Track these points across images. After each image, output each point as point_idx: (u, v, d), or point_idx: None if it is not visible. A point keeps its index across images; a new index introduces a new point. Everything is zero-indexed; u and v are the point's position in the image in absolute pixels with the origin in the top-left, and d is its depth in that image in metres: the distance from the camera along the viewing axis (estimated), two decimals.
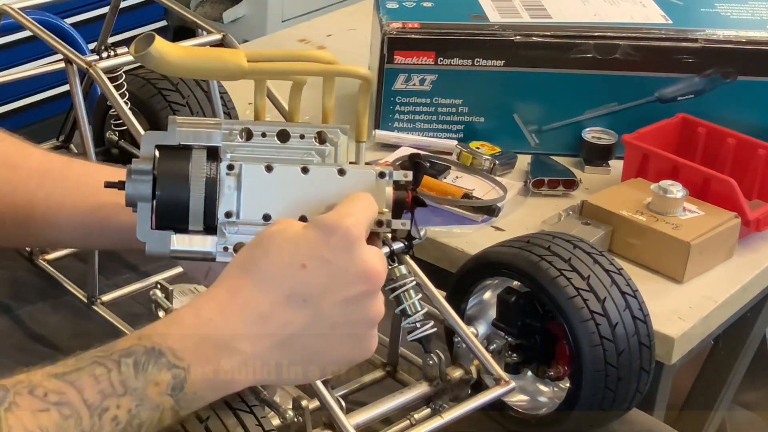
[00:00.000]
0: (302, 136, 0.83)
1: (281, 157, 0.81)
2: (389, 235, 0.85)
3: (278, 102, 1.10)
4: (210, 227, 0.79)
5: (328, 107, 0.87)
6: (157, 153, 0.80)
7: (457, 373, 1.01)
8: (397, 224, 0.84)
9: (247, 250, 0.75)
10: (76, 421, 0.68)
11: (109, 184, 0.82)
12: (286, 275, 0.71)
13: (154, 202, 0.79)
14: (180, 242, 0.79)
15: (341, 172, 0.82)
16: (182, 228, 0.79)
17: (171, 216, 0.78)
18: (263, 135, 0.82)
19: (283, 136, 0.82)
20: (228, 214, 0.79)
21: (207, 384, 0.72)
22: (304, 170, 0.81)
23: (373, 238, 0.84)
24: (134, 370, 0.70)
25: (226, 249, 0.79)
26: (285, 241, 0.72)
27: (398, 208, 0.85)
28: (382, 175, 0.83)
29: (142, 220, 0.79)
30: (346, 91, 1.76)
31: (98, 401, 0.68)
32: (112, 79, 1.24)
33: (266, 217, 0.79)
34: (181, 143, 0.81)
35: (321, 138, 0.83)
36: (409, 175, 0.85)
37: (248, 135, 0.81)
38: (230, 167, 0.80)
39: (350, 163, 0.85)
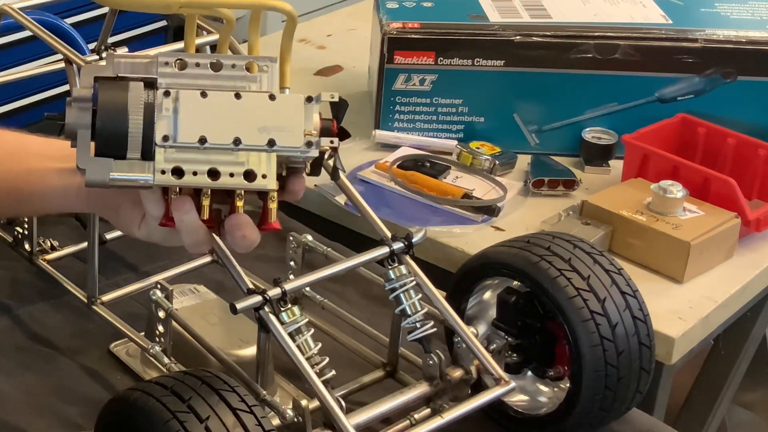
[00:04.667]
0: (233, 66, 0.85)
1: (215, 83, 0.84)
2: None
3: None
4: (148, 154, 0.81)
5: (254, 41, 0.89)
6: (95, 83, 0.82)
7: (457, 373, 1.01)
8: (325, 141, 0.86)
9: None
10: None
11: (50, 117, 0.86)
12: None
13: (94, 129, 0.80)
14: (119, 169, 0.80)
15: (272, 97, 0.85)
16: (121, 155, 0.80)
17: (110, 142, 0.80)
18: (197, 65, 0.84)
19: (216, 66, 0.85)
20: (165, 138, 0.81)
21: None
22: (237, 96, 0.84)
23: (299, 171, 0.87)
24: None
25: (163, 172, 0.80)
26: None
27: (324, 135, 0.87)
28: (309, 99, 0.86)
29: (82, 149, 0.80)
30: (347, 91, 1.77)
31: None
32: None
33: (202, 140, 0.81)
34: (119, 75, 0.83)
35: (252, 68, 0.86)
36: (336, 96, 0.90)
37: (182, 65, 0.84)
38: (167, 93, 0.82)
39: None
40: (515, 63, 1.54)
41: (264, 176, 0.82)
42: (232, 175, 0.82)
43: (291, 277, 1.19)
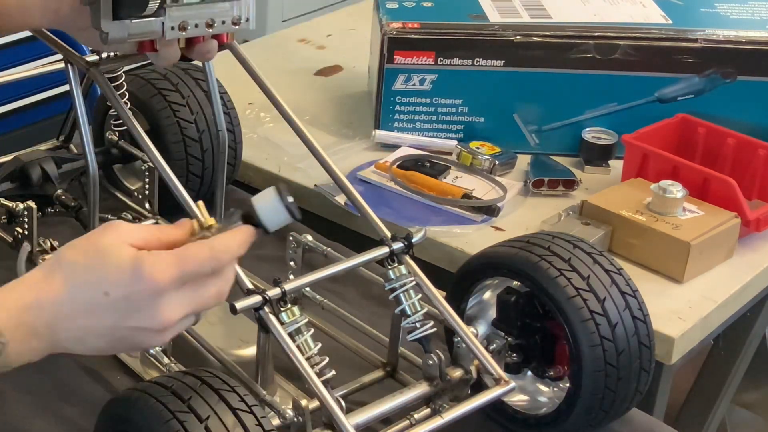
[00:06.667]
0: None
1: None
2: None
3: (277, 101, 1.10)
4: (158, 12, 0.95)
5: None
6: None
7: (457, 373, 1.01)
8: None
9: (76, 248, 0.82)
10: None
11: None
12: (89, 294, 0.80)
13: None
14: (135, 27, 0.94)
15: None
16: (137, 15, 0.94)
17: (131, 4, 0.92)
18: None
19: None
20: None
21: (19, 357, 0.80)
22: None
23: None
24: None
25: (172, 28, 0.95)
26: (103, 264, 0.80)
27: None
28: None
29: (106, 14, 0.92)
30: (347, 91, 1.77)
31: None
32: (111, 80, 1.25)
33: None
34: None
35: None
36: None
37: None
38: None
39: None
40: (515, 63, 1.54)
41: (247, 20, 1.00)
42: (224, 22, 0.99)
43: (291, 277, 1.19)
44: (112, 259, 0.80)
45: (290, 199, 0.87)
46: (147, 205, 1.34)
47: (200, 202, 0.87)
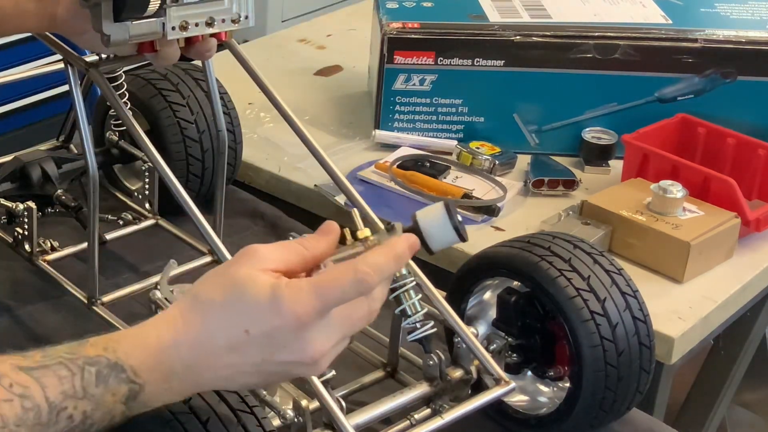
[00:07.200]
0: None
1: None
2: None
3: (277, 101, 1.10)
4: (158, 13, 0.96)
5: None
6: None
7: (457, 374, 1.01)
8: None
9: (213, 283, 0.79)
10: (35, 414, 0.72)
11: None
12: (230, 332, 0.77)
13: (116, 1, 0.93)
14: (136, 29, 0.95)
15: None
16: (137, 17, 0.95)
17: (132, 6, 0.93)
18: None
19: None
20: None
21: (156, 398, 0.78)
22: None
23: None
24: (96, 378, 0.75)
25: (173, 28, 0.96)
26: (241, 300, 0.77)
27: None
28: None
29: (107, 16, 0.93)
30: (347, 91, 1.77)
31: (59, 400, 0.74)
32: (111, 80, 1.25)
33: None
34: None
35: None
36: None
37: None
38: None
39: None
40: (515, 63, 1.54)
41: (246, 17, 1.01)
42: (224, 20, 0.99)
43: None
44: (250, 294, 0.76)
45: (459, 218, 0.80)
46: (147, 206, 1.34)
47: (355, 210, 0.85)
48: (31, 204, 1.23)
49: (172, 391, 0.78)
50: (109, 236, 1.28)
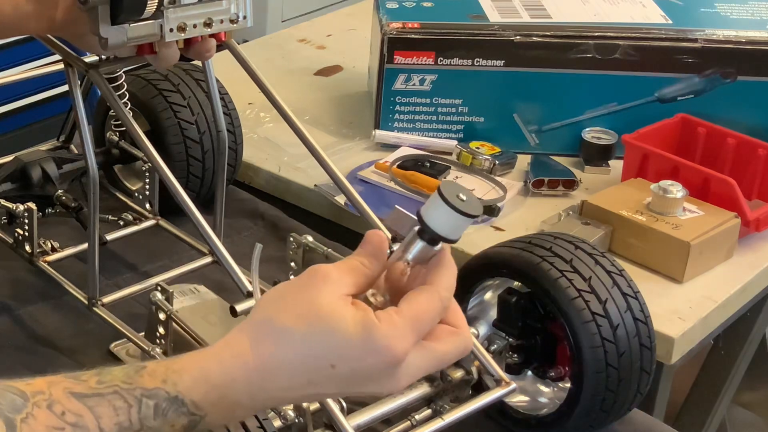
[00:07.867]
0: None
1: None
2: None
3: (277, 101, 1.10)
4: (155, 15, 0.96)
5: None
6: None
7: (457, 374, 1.01)
8: None
9: (289, 311, 0.74)
10: None
11: None
12: (312, 367, 0.73)
13: (113, 3, 0.93)
14: (134, 31, 0.95)
15: None
16: (134, 19, 0.95)
17: (129, 9, 0.93)
18: None
19: None
20: (172, 1, 0.96)
21: (216, 424, 0.75)
22: None
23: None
24: (154, 412, 0.71)
25: (171, 30, 0.97)
26: (327, 334, 0.73)
27: None
28: None
29: (104, 19, 0.93)
30: (347, 91, 1.77)
31: None
32: (111, 81, 1.24)
33: None
34: None
35: None
36: None
37: None
38: None
39: None
40: (515, 63, 1.54)
41: (244, 17, 1.01)
42: (222, 21, 1.00)
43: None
44: (339, 329, 0.72)
45: (461, 196, 0.77)
46: (147, 206, 1.34)
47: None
48: (32, 205, 1.23)
49: (236, 418, 0.77)
50: (109, 237, 1.28)
